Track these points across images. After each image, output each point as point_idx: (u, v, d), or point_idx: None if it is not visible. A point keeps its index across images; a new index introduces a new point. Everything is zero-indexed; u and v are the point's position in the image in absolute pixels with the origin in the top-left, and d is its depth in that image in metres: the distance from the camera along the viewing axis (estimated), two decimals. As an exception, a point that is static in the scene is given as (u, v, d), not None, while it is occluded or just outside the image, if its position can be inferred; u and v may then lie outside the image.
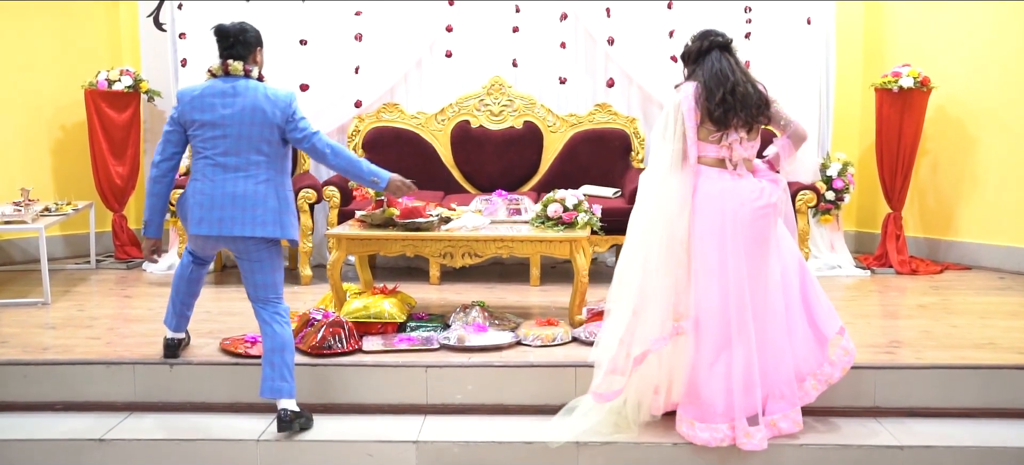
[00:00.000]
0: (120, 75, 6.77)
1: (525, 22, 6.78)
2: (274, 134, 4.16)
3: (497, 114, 6.78)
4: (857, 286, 6.21)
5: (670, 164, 3.99)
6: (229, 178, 4.10)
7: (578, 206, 5.13)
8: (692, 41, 4.14)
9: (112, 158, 6.85)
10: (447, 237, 4.98)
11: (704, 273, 3.98)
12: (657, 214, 4.03)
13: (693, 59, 4.10)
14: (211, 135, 4.11)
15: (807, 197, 6.06)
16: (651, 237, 4.02)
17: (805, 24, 6.63)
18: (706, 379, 3.97)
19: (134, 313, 5.43)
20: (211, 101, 4.13)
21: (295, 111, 4.21)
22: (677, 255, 4.00)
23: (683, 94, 4.00)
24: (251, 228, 4.10)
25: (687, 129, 3.97)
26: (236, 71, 4.19)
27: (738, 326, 3.95)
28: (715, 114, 3.96)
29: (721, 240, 3.97)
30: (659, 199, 4.01)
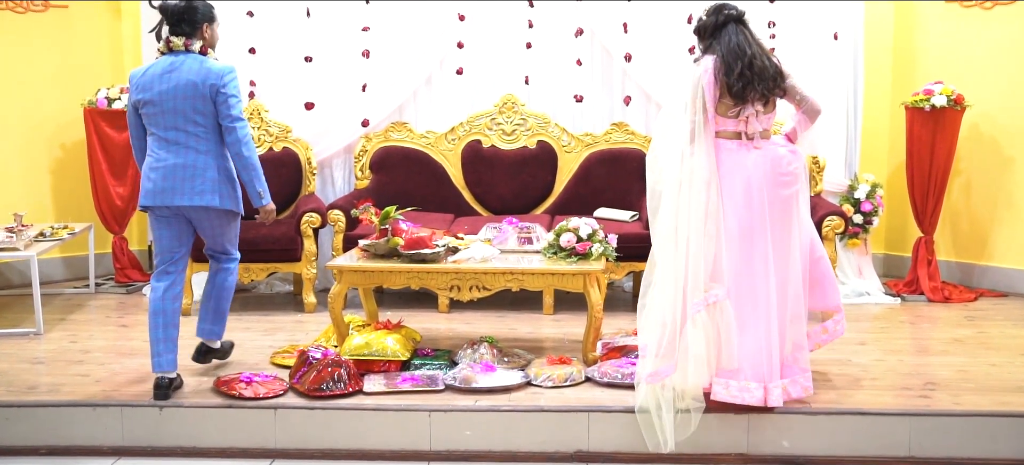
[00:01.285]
0: (120, 93, 6.55)
1: (539, 38, 6.52)
2: (207, 106, 4.27)
3: (509, 133, 6.52)
4: (886, 315, 5.91)
5: (693, 138, 4.09)
6: (170, 151, 4.28)
7: (592, 236, 4.86)
8: (707, 16, 4.22)
9: (112, 178, 6.64)
10: (454, 269, 4.72)
11: (733, 241, 4.10)
12: (684, 188, 4.11)
13: (709, 33, 4.18)
14: (151, 112, 4.29)
15: (834, 223, 5.75)
16: (681, 211, 4.11)
17: (832, 39, 6.34)
18: (739, 343, 4.07)
19: (128, 345, 5.20)
20: (151, 80, 4.29)
21: (225, 85, 4.27)
22: (707, 226, 4.08)
23: (702, 68, 4.09)
24: (189, 197, 4.28)
25: (707, 103, 4.07)
26: (177, 47, 4.34)
27: (764, 292, 4.08)
28: (734, 88, 4.06)
29: (748, 209, 4.09)
30: (684, 173, 4.10)
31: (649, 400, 4.07)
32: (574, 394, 4.35)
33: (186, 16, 4.33)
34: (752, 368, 4.07)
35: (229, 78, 4.30)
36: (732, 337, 4.10)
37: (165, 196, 4.27)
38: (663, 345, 4.09)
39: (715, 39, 4.15)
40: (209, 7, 4.42)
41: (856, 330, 5.51)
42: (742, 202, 4.11)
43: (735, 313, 4.09)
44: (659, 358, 4.08)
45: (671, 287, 4.12)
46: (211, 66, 4.29)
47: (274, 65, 6.52)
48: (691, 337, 4.07)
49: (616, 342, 4.89)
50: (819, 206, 5.94)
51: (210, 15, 4.41)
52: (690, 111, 4.11)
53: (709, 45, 4.17)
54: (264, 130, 6.47)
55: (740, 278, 4.11)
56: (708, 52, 4.16)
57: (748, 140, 4.15)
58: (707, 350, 4.08)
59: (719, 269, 4.12)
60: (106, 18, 6.98)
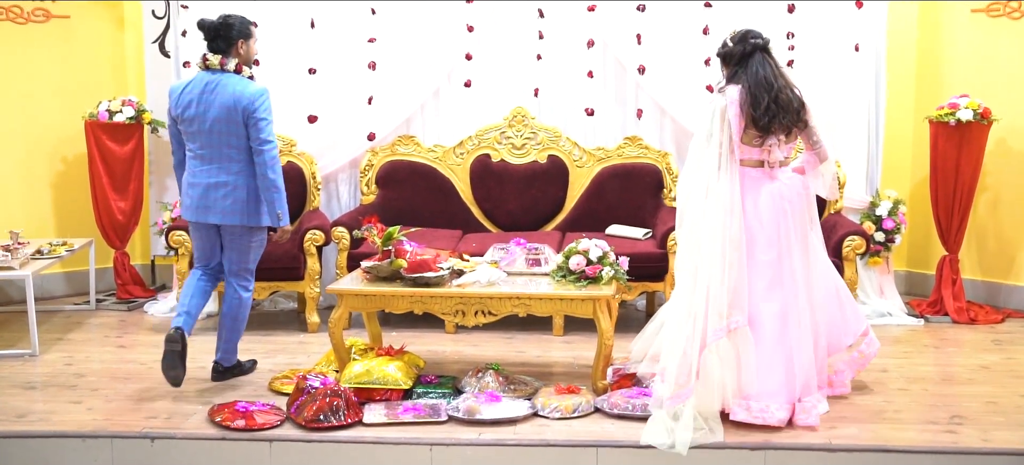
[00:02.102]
0: (122, 105, 6.41)
1: (549, 49, 6.33)
2: (241, 129, 4.46)
3: (519, 147, 6.34)
4: (909, 338, 5.69)
5: (717, 167, 4.15)
6: (204, 170, 4.53)
7: (603, 259, 4.67)
8: (733, 43, 4.24)
9: (113, 193, 6.50)
10: (459, 294, 4.55)
11: (760, 268, 4.16)
12: (707, 217, 4.16)
13: (735, 62, 4.22)
14: (189, 130, 4.54)
15: (855, 244, 5.52)
16: (703, 240, 4.15)
17: (853, 51, 6.11)
18: (767, 367, 4.11)
19: (124, 369, 5.05)
20: (189, 98, 4.51)
21: (256, 110, 4.44)
22: (730, 255, 4.11)
23: (728, 99, 4.15)
24: (220, 216, 4.53)
25: (733, 133, 4.13)
26: (213, 64, 4.54)
27: (795, 315, 4.16)
28: (761, 122, 4.14)
29: (776, 234, 4.19)
30: (707, 202, 4.16)
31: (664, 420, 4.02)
32: (582, 426, 4.17)
33: (222, 32, 4.51)
34: (778, 390, 4.10)
35: (260, 102, 4.44)
36: (751, 362, 4.12)
37: (201, 213, 4.56)
38: (681, 373, 4.08)
39: (742, 68, 4.20)
40: (245, 24, 4.56)
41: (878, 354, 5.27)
42: (770, 228, 4.20)
43: (764, 338, 4.14)
44: (677, 385, 4.07)
45: (687, 317, 4.15)
46: (245, 89, 4.44)
47: (277, 76, 6.32)
48: (710, 363, 4.07)
49: (627, 369, 4.70)
50: (839, 225, 5.73)
51: (245, 32, 4.54)
52: (715, 141, 4.17)
53: (734, 73, 4.21)
54: (268, 144, 6.30)
55: (768, 303, 4.16)
56: (733, 80, 4.20)
57: (771, 168, 4.26)
58: (723, 374, 4.08)
59: (741, 296, 4.13)
60: (108, 29, 6.85)
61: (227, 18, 4.54)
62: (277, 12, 6.30)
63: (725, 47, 4.29)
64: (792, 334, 4.16)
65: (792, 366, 4.14)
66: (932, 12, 6.54)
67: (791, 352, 4.15)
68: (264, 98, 4.48)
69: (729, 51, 4.27)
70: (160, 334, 5.72)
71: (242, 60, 4.56)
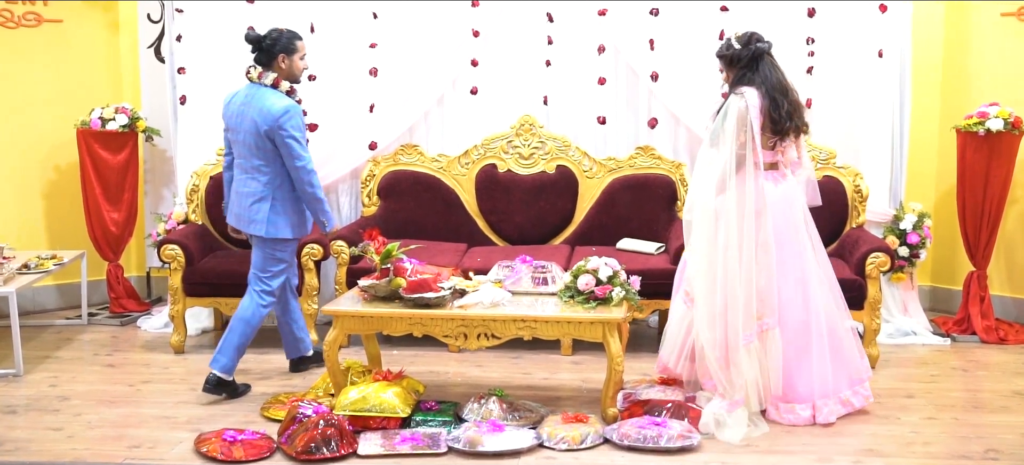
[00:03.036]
0: (115, 113, 6.18)
1: (559, 55, 6.07)
2: (267, 143, 4.56)
3: (527, 157, 6.09)
4: (936, 359, 5.41)
5: (737, 169, 4.22)
6: (240, 178, 4.70)
7: (613, 279, 4.42)
8: (739, 45, 4.32)
9: (106, 203, 6.27)
10: (460, 316, 4.30)
11: (784, 269, 4.26)
12: (725, 220, 4.23)
13: (744, 64, 4.31)
14: (231, 139, 4.73)
15: (879, 260, 5.22)
16: (730, 244, 4.21)
17: (876, 57, 5.83)
18: (796, 368, 4.27)
19: (110, 391, 4.82)
20: (231, 109, 4.69)
21: (282, 127, 4.50)
22: (761, 258, 4.22)
23: (746, 101, 4.22)
24: (247, 225, 4.70)
25: (755, 135, 4.20)
26: (252, 77, 4.65)
27: (816, 315, 4.28)
28: (781, 125, 4.27)
29: (796, 235, 4.32)
30: (725, 205, 4.22)
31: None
32: (591, 460, 3.93)
33: (263, 45, 4.61)
34: (805, 390, 4.28)
35: (285, 119, 4.50)
36: (779, 365, 4.26)
37: (233, 219, 4.78)
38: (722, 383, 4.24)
39: (751, 71, 4.30)
40: (288, 39, 4.61)
41: (903, 378, 5.03)
42: (788, 229, 4.31)
43: (788, 338, 4.26)
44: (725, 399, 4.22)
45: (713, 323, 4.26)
46: (272, 106, 4.51)
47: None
48: (745, 365, 4.20)
49: (639, 394, 4.46)
50: (862, 240, 5.45)
51: (288, 47, 4.61)
52: (732, 143, 4.23)
53: (743, 76, 4.31)
54: (266, 153, 6.07)
55: (793, 304, 4.28)
56: (743, 83, 4.29)
57: (784, 169, 4.40)
58: (757, 376, 4.24)
59: (772, 298, 4.24)
60: (103, 33, 6.63)
61: (271, 32, 4.63)
62: (275, 16, 6.03)
63: (731, 49, 4.35)
64: (813, 333, 4.27)
65: (812, 366, 4.27)
66: (959, 16, 6.25)
67: (812, 352, 4.27)
68: (289, 115, 4.51)
69: (736, 53, 4.33)
70: (151, 351, 5.56)
71: (283, 75, 4.63)
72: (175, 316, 5.51)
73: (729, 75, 4.43)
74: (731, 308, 4.23)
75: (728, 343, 4.26)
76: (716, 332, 4.26)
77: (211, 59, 6.07)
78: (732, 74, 4.39)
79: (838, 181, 5.76)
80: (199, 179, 5.98)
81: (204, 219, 5.98)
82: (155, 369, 5.21)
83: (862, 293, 5.19)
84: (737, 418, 4.17)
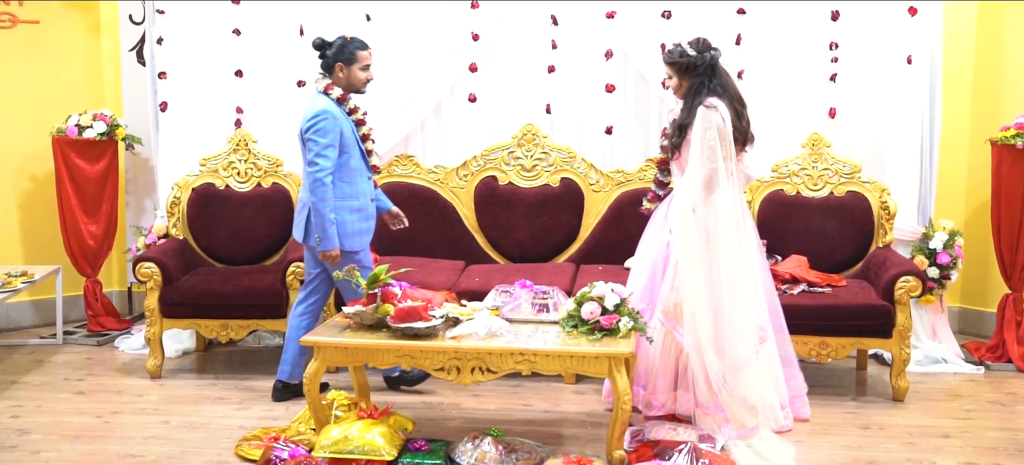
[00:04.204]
0: (93, 120, 5.83)
1: (564, 61, 5.68)
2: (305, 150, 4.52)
3: (529, 169, 5.71)
4: (969, 389, 5.01)
5: (717, 184, 4.13)
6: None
7: (620, 307, 4.04)
8: (694, 50, 4.22)
9: (83, 215, 5.92)
10: (453, 348, 3.92)
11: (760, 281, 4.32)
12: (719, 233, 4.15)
13: (701, 72, 4.20)
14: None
15: (909, 285, 4.79)
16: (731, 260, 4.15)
17: (904, 64, 5.43)
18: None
19: (75, 423, 4.46)
20: None
21: (307, 130, 4.45)
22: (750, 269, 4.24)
23: (721, 114, 4.14)
24: (295, 230, 4.70)
25: (732, 146, 4.18)
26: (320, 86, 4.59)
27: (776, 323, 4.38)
28: (744, 135, 4.27)
29: (758, 245, 4.45)
30: (722, 219, 4.14)
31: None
32: (594, 511, 3.54)
33: (322, 53, 4.56)
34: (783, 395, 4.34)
35: (310, 122, 4.44)
36: (780, 373, 4.32)
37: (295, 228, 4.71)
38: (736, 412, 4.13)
39: (709, 79, 4.19)
40: (347, 49, 4.51)
41: (936, 412, 4.64)
42: (754, 236, 4.40)
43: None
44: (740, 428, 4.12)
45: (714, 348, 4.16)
46: (307, 110, 4.48)
47: (264, 90, 5.78)
48: (759, 383, 4.20)
49: (648, 433, 4.09)
50: (889, 261, 5.04)
51: (345, 56, 4.51)
52: (710, 157, 4.13)
53: (701, 85, 4.19)
54: (251, 163, 5.71)
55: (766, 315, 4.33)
56: (704, 93, 4.18)
57: (741, 178, 4.37)
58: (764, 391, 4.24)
59: (763, 307, 4.29)
60: (83, 36, 6.28)
61: (335, 40, 4.55)
62: (262, 18, 5.72)
63: (687, 56, 4.22)
64: (776, 338, 4.34)
65: (779, 369, 4.34)
66: (992, 18, 5.85)
67: (777, 356, 4.34)
68: (316, 119, 4.42)
69: (693, 60, 4.21)
70: (127, 376, 5.21)
71: (341, 84, 4.55)
72: (151, 339, 5.15)
73: (682, 83, 4.29)
74: (732, 327, 4.17)
75: (736, 365, 4.17)
76: (724, 356, 4.16)
77: (194, 63, 5.74)
78: (686, 83, 4.26)
79: (863, 197, 5.36)
80: (181, 191, 5.62)
81: (186, 234, 5.62)
82: (128, 397, 4.85)
83: (890, 320, 4.78)
84: (771, 443, 4.07)
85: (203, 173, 5.68)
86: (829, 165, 5.40)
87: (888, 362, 5.27)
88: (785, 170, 5.45)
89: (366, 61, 4.58)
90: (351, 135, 4.59)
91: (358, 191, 4.62)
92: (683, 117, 4.27)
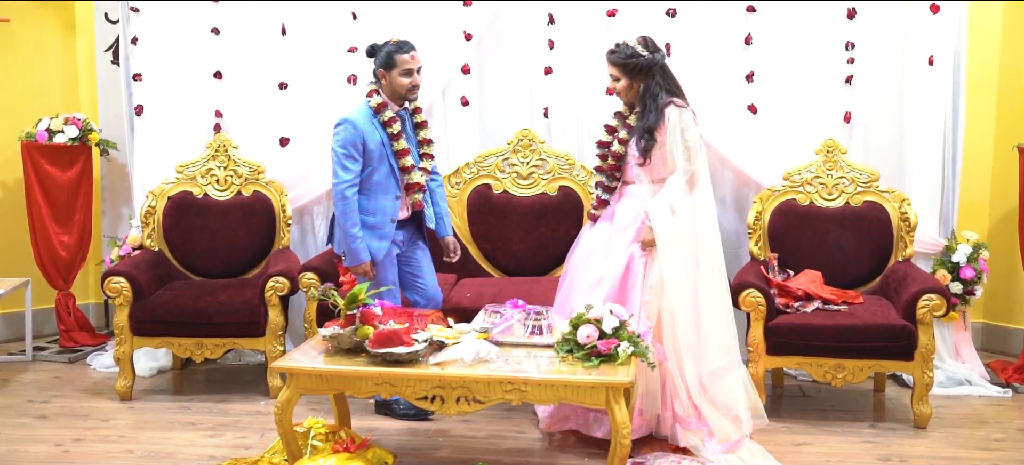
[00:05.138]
0: (64, 124, 5.52)
1: (562, 61, 5.34)
2: None
3: (525, 177, 5.38)
4: (996, 414, 4.66)
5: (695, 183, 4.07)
6: None
7: (620, 331, 3.70)
8: (647, 51, 4.11)
9: (55, 225, 5.62)
10: (436, 376, 3.59)
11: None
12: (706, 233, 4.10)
13: (654, 73, 4.10)
14: None
15: (933, 304, 4.44)
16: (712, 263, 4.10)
17: (926, 65, 5.09)
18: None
19: (32, 453, 4.13)
20: None
21: (333, 139, 4.26)
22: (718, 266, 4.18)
23: (690, 112, 4.13)
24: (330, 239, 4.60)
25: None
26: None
27: None
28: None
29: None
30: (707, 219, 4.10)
31: None
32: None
33: (371, 58, 4.39)
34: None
35: (335, 132, 4.26)
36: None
37: None
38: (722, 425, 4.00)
39: (660, 80, 4.10)
40: (387, 55, 4.28)
41: (960, 442, 4.30)
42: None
43: None
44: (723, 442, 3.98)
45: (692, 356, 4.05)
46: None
47: (244, 92, 5.46)
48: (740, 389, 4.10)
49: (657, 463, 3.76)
50: (910, 277, 4.70)
51: (386, 62, 4.29)
52: (692, 156, 4.07)
53: (656, 86, 4.08)
54: (231, 170, 5.40)
55: None
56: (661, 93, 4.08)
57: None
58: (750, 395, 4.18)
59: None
60: (57, 35, 5.98)
61: (379, 45, 4.36)
62: (242, 16, 5.40)
63: (639, 57, 4.10)
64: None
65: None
66: (1020, 19, 5.50)
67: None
68: (339, 129, 4.25)
69: (648, 61, 4.09)
70: (95, 397, 4.91)
71: (385, 92, 4.34)
72: (121, 358, 4.84)
73: (633, 85, 4.17)
74: (718, 331, 4.08)
75: (713, 374, 4.07)
76: (701, 365, 4.04)
77: (171, 65, 5.43)
78: (638, 85, 4.14)
79: (881, 207, 5.02)
80: (156, 199, 5.31)
81: (161, 245, 5.31)
82: (92, 422, 4.54)
83: (912, 341, 4.43)
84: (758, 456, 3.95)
85: (180, 180, 5.37)
86: (845, 173, 5.06)
87: (908, 383, 4.95)
88: (798, 178, 5.10)
89: (405, 65, 4.28)
90: (380, 147, 4.30)
91: (376, 207, 4.35)
92: (650, 120, 4.10)
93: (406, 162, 4.41)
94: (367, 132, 4.28)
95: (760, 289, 4.53)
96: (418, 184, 4.46)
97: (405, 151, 4.40)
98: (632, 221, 4.23)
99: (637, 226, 4.21)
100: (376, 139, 4.30)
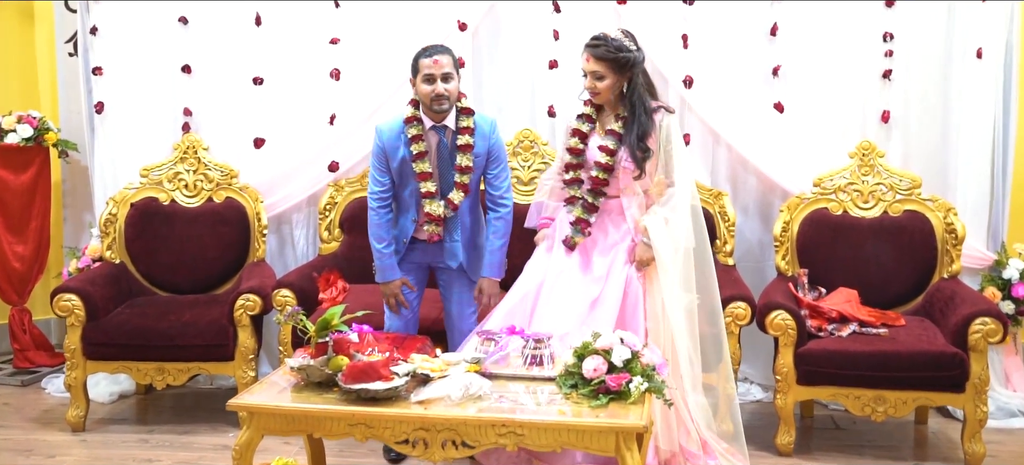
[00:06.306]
0: (17, 123, 5.03)
1: (567, 54, 4.81)
2: None
3: (527, 183, 4.86)
4: (1054, 451, 4.15)
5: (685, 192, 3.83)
6: None
7: (631, 364, 3.18)
8: (635, 48, 3.73)
9: (8, 234, 5.12)
10: (418, 417, 3.07)
11: None
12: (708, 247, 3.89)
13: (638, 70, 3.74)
14: None
15: (987, 328, 3.89)
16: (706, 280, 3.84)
17: (973, 59, 4.58)
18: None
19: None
20: None
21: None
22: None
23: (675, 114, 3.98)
24: None
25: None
26: None
27: None
28: None
29: None
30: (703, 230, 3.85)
31: None
32: None
33: None
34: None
35: (373, 139, 3.97)
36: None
37: None
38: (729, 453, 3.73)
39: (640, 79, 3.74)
40: (414, 57, 3.86)
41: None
42: None
43: None
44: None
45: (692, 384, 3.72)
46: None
47: (215, 88, 4.98)
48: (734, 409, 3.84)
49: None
50: (958, 296, 4.18)
51: (413, 66, 3.88)
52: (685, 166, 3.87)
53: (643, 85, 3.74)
54: (201, 174, 4.90)
55: None
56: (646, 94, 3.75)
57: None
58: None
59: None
60: (14, 23, 5.47)
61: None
62: (212, 5, 4.91)
63: (627, 52, 3.68)
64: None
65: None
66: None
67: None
68: (374, 139, 3.94)
69: (633, 56, 3.70)
70: (45, 427, 4.43)
71: (416, 99, 3.91)
72: (73, 385, 4.34)
73: (618, 82, 3.73)
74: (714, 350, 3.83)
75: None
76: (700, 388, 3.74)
77: (135, 58, 4.95)
78: (623, 82, 3.73)
79: (924, 217, 4.50)
80: (118, 206, 4.82)
81: (123, 256, 4.81)
82: (37, 458, 4.04)
83: (963, 371, 3.91)
84: None
85: (144, 185, 4.88)
86: (882, 179, 4.55)
87: (954, 414, 4.44)
88: (830, 184, 4.59)
89: (426, 70, 3.80)
90: (404, 165, 3.89)
91: (396, 225, 4.02)
92: (643, 127, 3.73)
93: (426, 187, 3.89)
94: (391, 146, 3.89)
95: (789, 310, 4.04)
96: (433, 216, 3.90)
97: (426, 174, 3.88)
98: (621, 239, 3.81)
99: (627, 244, 3.78)
100: (400, 155, 3.89)
